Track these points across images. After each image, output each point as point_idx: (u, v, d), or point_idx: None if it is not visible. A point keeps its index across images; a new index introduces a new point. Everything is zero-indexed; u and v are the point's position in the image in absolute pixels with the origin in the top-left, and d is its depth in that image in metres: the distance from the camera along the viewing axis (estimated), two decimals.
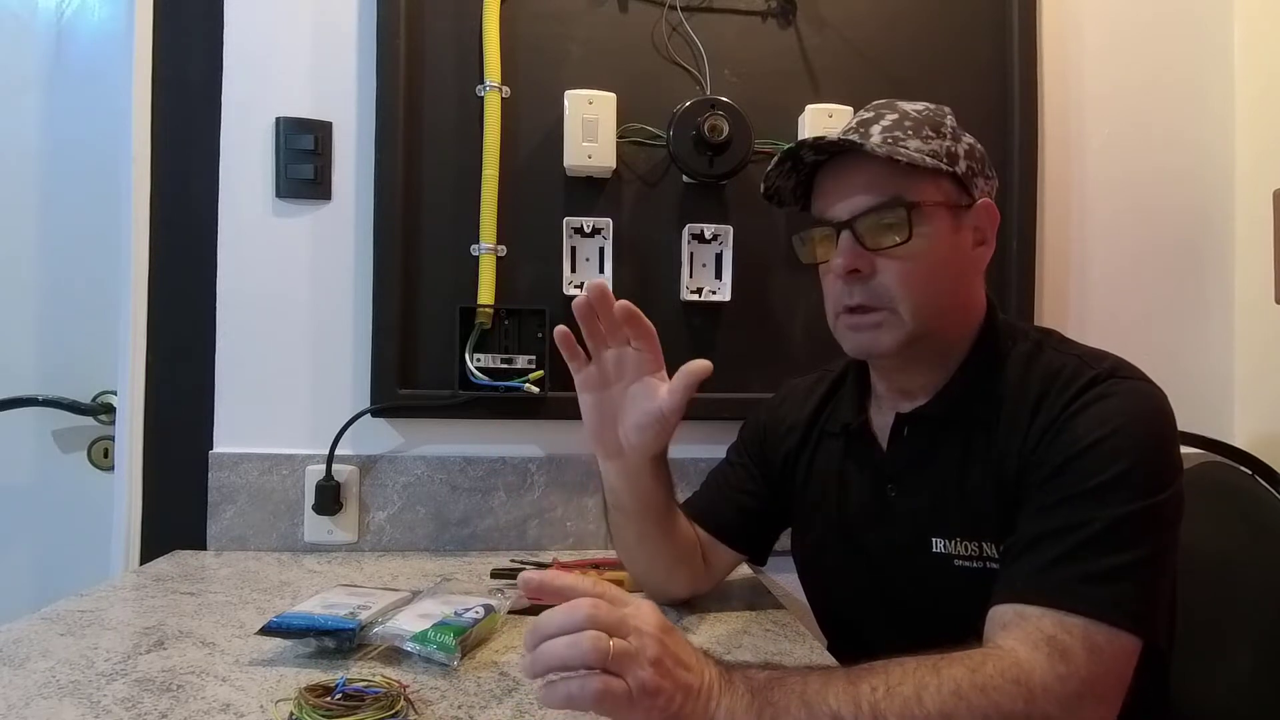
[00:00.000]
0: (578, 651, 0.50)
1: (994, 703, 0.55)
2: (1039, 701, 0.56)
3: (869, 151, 0.72)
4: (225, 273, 1.20)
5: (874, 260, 0.74)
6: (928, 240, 0.74)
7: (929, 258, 0.74)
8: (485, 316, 1.19)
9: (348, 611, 0.78)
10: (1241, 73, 1.42)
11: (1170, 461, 0.67)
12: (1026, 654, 0.58)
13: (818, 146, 0.75)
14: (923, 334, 0.75)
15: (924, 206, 0.73)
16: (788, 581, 1.11)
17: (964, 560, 0.73)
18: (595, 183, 1.24)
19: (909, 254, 0.73)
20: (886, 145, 0.72)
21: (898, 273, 0.74)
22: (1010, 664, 0.58)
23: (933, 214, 0.74)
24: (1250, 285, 1.39)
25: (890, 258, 0.74)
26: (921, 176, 0.74)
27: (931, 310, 0.75)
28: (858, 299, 0.75)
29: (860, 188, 0.74)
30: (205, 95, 1.19)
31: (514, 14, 1.22)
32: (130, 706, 0.64)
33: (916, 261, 0.74)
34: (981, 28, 1.32)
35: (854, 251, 0.74)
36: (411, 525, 1.21)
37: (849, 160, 0.76)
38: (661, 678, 0.52)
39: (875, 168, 0.74)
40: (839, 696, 0.55)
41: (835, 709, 0.55)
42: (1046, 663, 0.58)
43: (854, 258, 0.74)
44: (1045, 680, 0.57)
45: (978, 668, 0.57)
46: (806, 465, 0.90)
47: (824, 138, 0.74)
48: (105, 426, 1.31)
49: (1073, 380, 0.71)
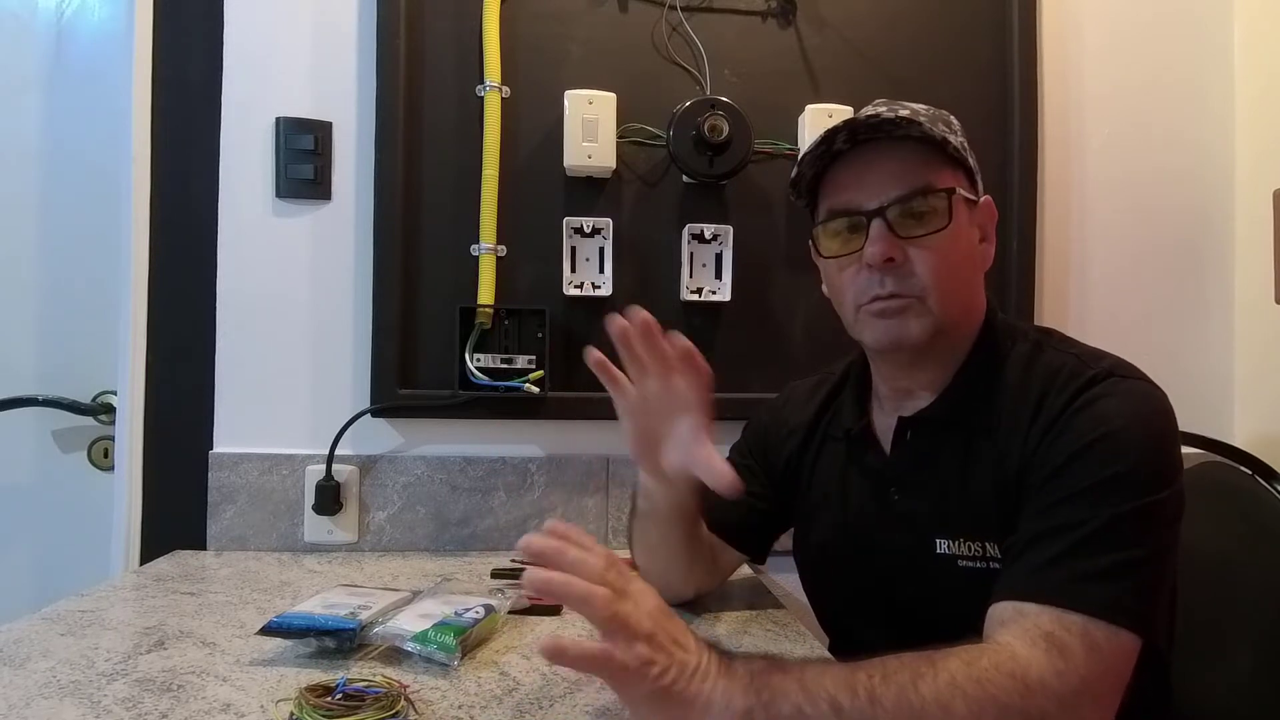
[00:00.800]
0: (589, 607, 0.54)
1: (989, 695, 0.55)
2: (1035, 697, 0.56)
3: (917, 135, 0.71)
4: (225, 273, 1.20)
5: (906, 249, 0.73)
6: (954, 231, 0.73)
7: (956, 249, 0.74)
8: (485, 316, 1.19)
9: (348, 611, 0.78)
10: (1241, 73, 1.42)
11: (1170, 460, 0.67)
12: (1024, 650, 0.58)
13: (856, 129, 0.73)
14: (946, 327, 0.75)
15: (957, 195, 0.73)
16: (788, 581, 1.11)
17: (968, 561, 0.73)
18: (595, 183, 1.24)
19: (939, 244, 0.73)
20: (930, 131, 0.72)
21: (930, 262, 0.73)
22: (1006, 658, 0.58)
23: (958, 205, 0.74)
24: (1250, 285, 1.39)
25: (922, 247, 0.73)
26: (946, 167, 0.74)
27: (955, 302, 0.75)
28: (890, 288, 0.73)
29: (891, 176, 0.73)
30: (205, 95, 1.19)
31: (514, 14, 1.22)
32: (131, 706, 0.64)
33: (946, 252, 0.73)
34: (981, 28, 1.33)
35: (889, 239, 0.72)
36: (411, 525, 1.21)
37: (875, 149, 0.75)
38: (655, 651, 0.54)
39: (905, 156, 0.73)
40: (836, 683, 0.55)
41: (832, 693, 0.55)
42: (1044, 659, 0.58)
43: (889, 246, 0.72)
44: (1042, 676, 0.57)
45: (973, 661, 0.57)
46: (809, 468, 0.90)
47: (876, 114, 0.72)
48: (105, 426, 1.31)
49: (1072, 380, 0.71)
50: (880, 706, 0.54)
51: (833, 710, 0.54)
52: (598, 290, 1.21)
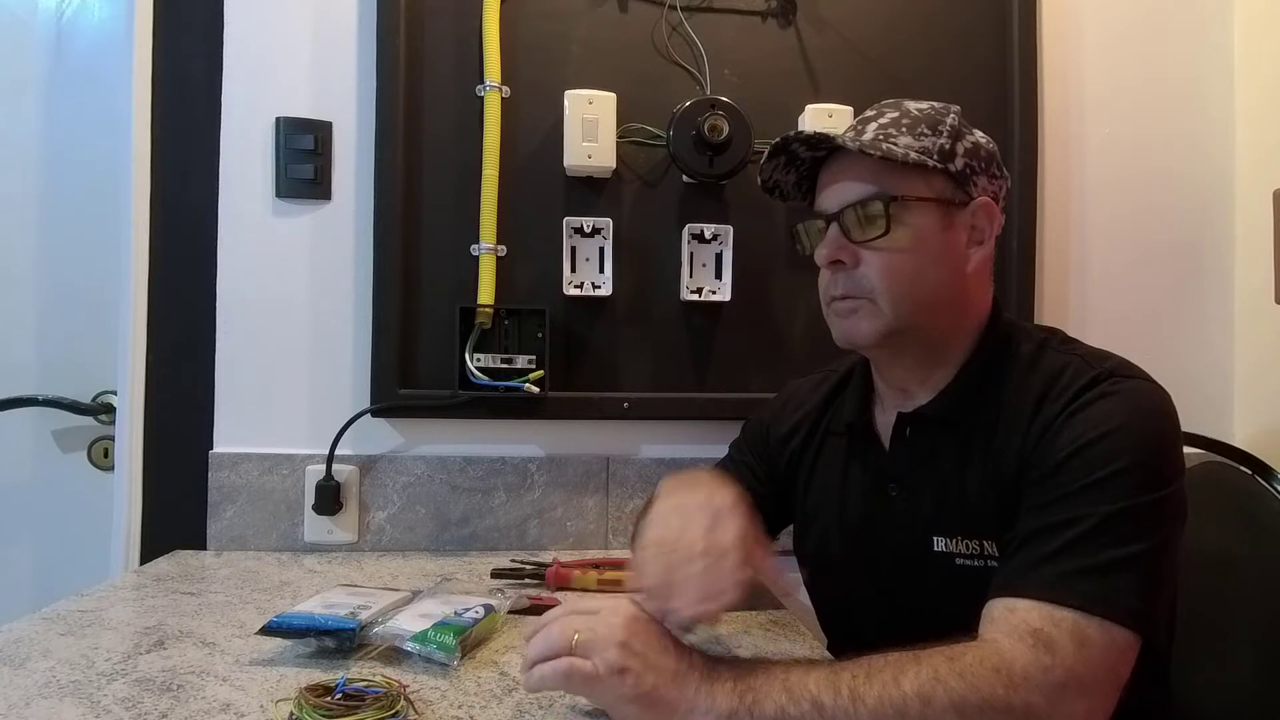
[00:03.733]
0: (547, 643, 0.60)
1: (972, 686, 0.55)
2: (1020, 689, 0.56)
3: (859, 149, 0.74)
4: (225, 273, 1.20)
5: (857, 252, 0.76)
6: (911, 234, 0.74)
7: (912, 252, 0.75)
8: (485, 316, 1.19)
9: (348, 611, 0.78)
10: (1241, 73, 1.42)
11: (1170, 459, 0.67)
12: (1009, 644, 0.59)
13: (806, 141, 0.78)
14: (905, 327, 0.76)
15: (907, 200, 0.74)
16: (787, 581, 1.11)
17: (965, 559, 0.73)
18: (595, 183, 1.24)
19: (890, 246, 0.75)
20: (873, 142, 0.74)
21: (878, 265, 0.75)
22: (991, 653, 0.58)
23: (919, 209, 0.75)
24: (1250, 285, 1.39)
25: (872, 249, 0.75)
26: (909, 172, 0.74)
27: (913, 304, 0.76)
28: (841, 289, 0.77)
29: (849, 181, 0.76)
30: (205, 95, 1.19)
31: (514, 14, 1.22)
32: (130, 706, 0.64)
33: (898, 254, 0.75)
34: (981, 28, 1.32)
35: (837, 243, 0.76)
36: (411, 525, 1.21)
37: (841, 156, 0.78)
38: (627, 657, 0.57)
39: (863, 163, 0.75)
40: (819, 683, 0.56)
41: (815, 694, 0.56)
42: (1030, 653, 0.58)
43: (836, 249, 0.76)
44: (1027, 669, 0.57)
45: (958, 656, 0.58)
46: (810, 464, 0.90)
47: (806, 133, 0.77)
48: (105, 426, 1.31)
49: (1074, 380, 0.71)
50: (862, 704, 0.55)
51: (815, 709, 0.55)
52: (598, 290, 1.21)
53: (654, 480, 1.25)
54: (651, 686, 0.56)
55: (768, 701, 0.56)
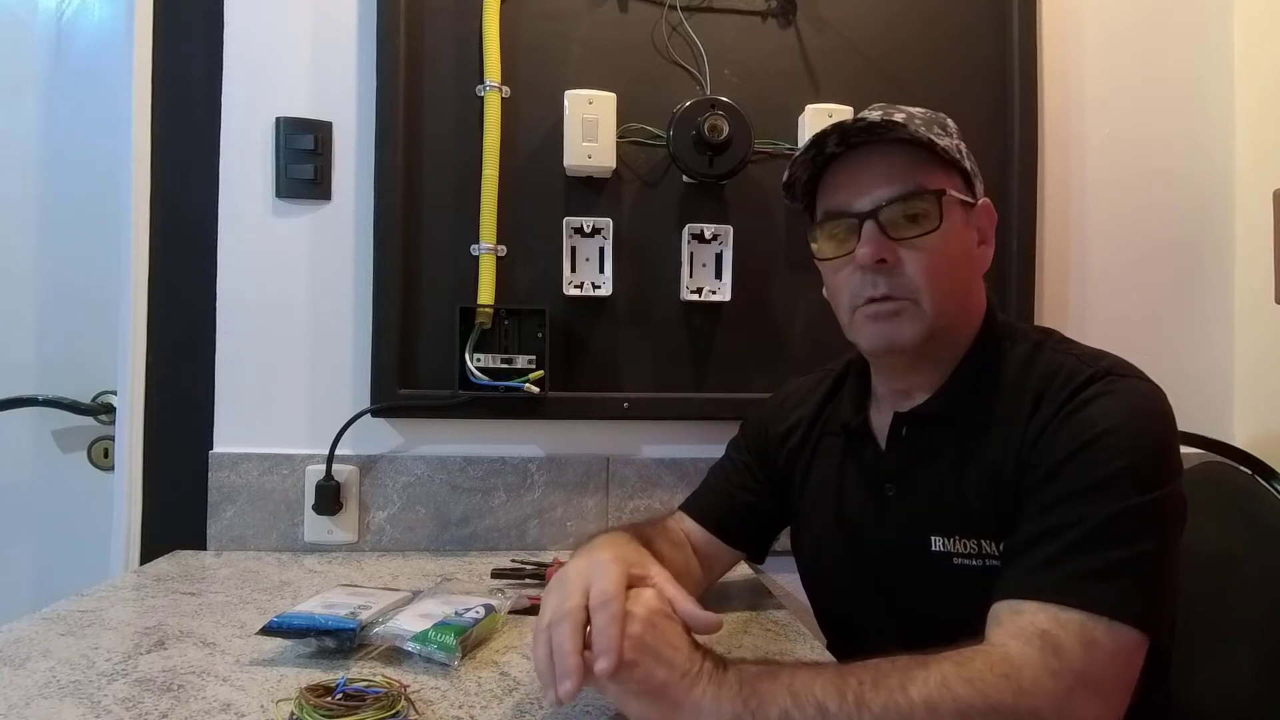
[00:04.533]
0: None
1: (980, 693, 0.55)
2: (1029, 695, 0.56)
3: (907, 138, 0.72)
4: (225, 273, 1.20)
5: (898, 250, 0.73)
6: (947, 233, 0.74)
7: (949, 250, 0.74)
8: (485, 316, 1.19)
9: (348, 611, 0.78)
10: (1241, 73, 1.42)
11: (1168, 459, 0.67)
12: (1017, 649, 0.58)
13: (847, 132, 0.73)
14: (940, 328, 0.75)
15: (949, 197, 0.74)
16: (788, 581, 1.11)
17: (963, 558, 0.73)
18: (595, 183, 1.24)
19: (932, 245, 0.73)
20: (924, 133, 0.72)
21: (922, 264, 0.73)
22: (999, 658, 0.57)
23: (951, 207, 0.74)
24: (1250, 285, 1.39)
25: (914, 248, 0.73)
26: (939, 169, 0.74)
27: (949, 304, 0.75)
28: (883, 289, 0.74)
29: (883, 179, 0.74)
30: (205, 95, 1.19)
31: (514, 14, 1.22)
32: (131, 706, 0.64)
33: (938, 253, 0.73)
34: (981, 28, 1.32)
35: (879, 241, 0.73)
36: (411, 525, 1.21)
37: (868, 152, 0.75)
38: (639, 653, 0.56)
39: (898, 158, 0.73)
40: (825, 688, 0.56)
41: (820, 699, 0.55)
42: (1038, 657, 0.57)
43: (880, 247, 0.73)
44: (1036, 675, 0.56)
45: (966, 662, 0.57)
46: (806, 464, 0.90)
47: (863, 118, 0.72)
48: (105, 426, 1.31)
49: (1070, 379, 0.71)
50: (868, 710, 0.55)
51: (820, 715, 0.55)
52: (598, 290, 1.21)
53: (654, 480, 1.25)
54: (660, 683, 0.56)
55: (772, 706, 0.55)
